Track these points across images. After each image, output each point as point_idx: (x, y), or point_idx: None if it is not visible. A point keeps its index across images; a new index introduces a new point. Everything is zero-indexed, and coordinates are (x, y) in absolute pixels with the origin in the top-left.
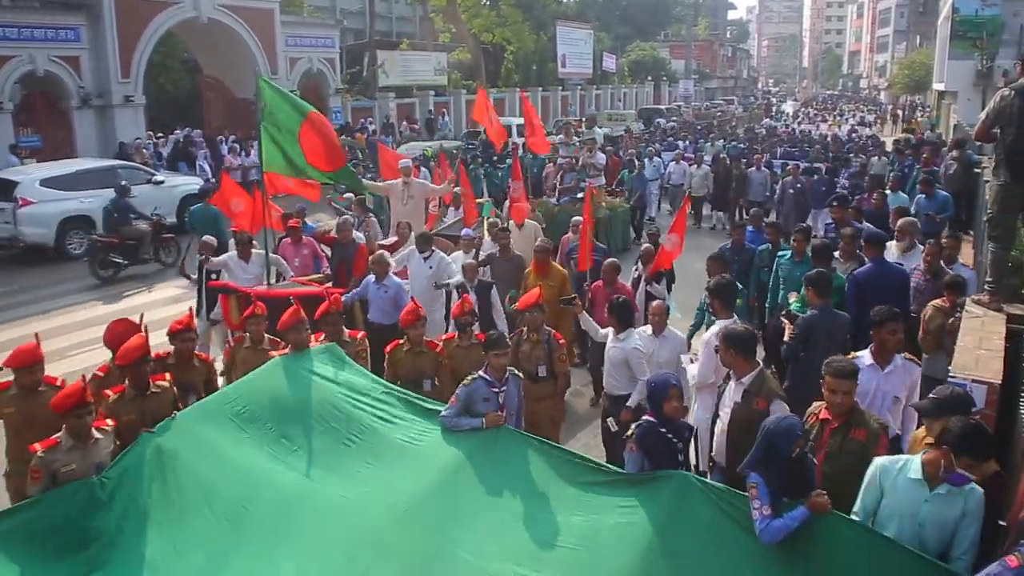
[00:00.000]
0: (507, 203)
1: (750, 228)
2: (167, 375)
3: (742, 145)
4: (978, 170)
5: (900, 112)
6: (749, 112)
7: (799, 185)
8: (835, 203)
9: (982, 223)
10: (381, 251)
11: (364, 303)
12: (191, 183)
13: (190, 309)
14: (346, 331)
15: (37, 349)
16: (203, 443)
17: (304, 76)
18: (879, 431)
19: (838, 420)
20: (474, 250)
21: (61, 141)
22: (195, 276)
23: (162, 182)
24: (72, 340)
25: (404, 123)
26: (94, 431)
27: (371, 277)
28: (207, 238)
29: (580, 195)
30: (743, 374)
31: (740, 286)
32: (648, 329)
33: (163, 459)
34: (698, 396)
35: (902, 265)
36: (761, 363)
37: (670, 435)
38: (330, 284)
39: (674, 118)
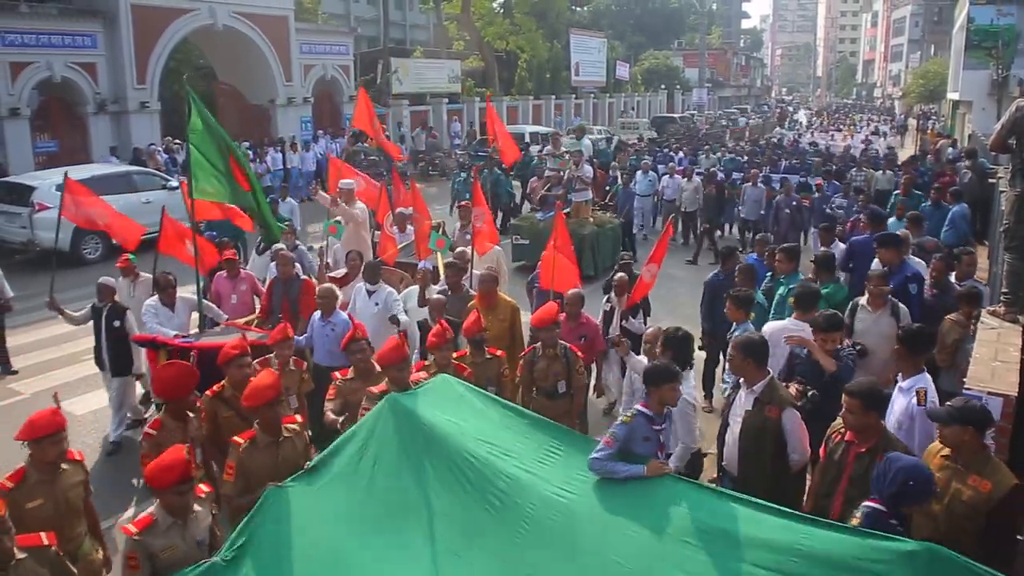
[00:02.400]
0: (457, 225)
1: (753, 255)
2: (297, 417)
3: (742, 158)
4: (992, 180)
5: (916, 121)
6: (764, 121)
7: (794, 203)
8: (825, 227)
9: (997, 234)
10: (326, 285)
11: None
12: None
13: (242, 334)
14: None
15: (57, 415)
16: (332, 506)
17: (318, 83)
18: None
19: (865, 445)
20: (431, 285)
21: (77, 146)
22: (78, 313)
23: (177, 188)
24: (86, 345)
25: (419, 129)
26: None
27: (316, 316)
28: (105, 280)
29: (567, 209)
30: (754, 382)
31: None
32: (644, 360)
33: (290, 528)
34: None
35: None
36: (771, 371)
37: None
38: (271, 327)
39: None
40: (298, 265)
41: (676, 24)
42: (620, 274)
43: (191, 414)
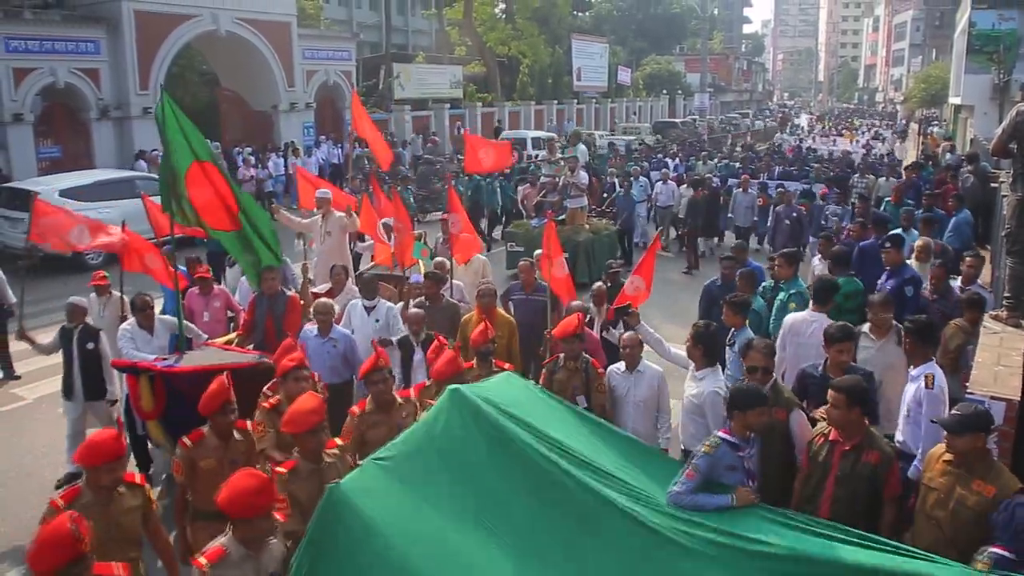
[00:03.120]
0: (439, 236)
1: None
2: (336, 441)
3: (736, 164)
4: (994, 184)
5: (917, 125)
6: (765, 125)
7: (795, 214)
8: (825, 236)
9: (999, 238)
10: (323, 299)
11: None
12: None
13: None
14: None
15: (117, 441)
16: (398, 506)
17: (321, 89)
18: (891, 454)
19: (850, 443)
20: (419, 298)
21: (80, 152)
22: (47, 342)
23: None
24: None
25: (412, 135)
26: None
27: (310, 331)
28: (76, 300)
29: (562, 216)
30: (761, 384)
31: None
32: (621, 365)
33: (357, 533)
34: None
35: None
36: (776, 376)
37: None
38: (253, 346)
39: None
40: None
41: (678, 29)
42: (598, 284)
43: (237, 435)
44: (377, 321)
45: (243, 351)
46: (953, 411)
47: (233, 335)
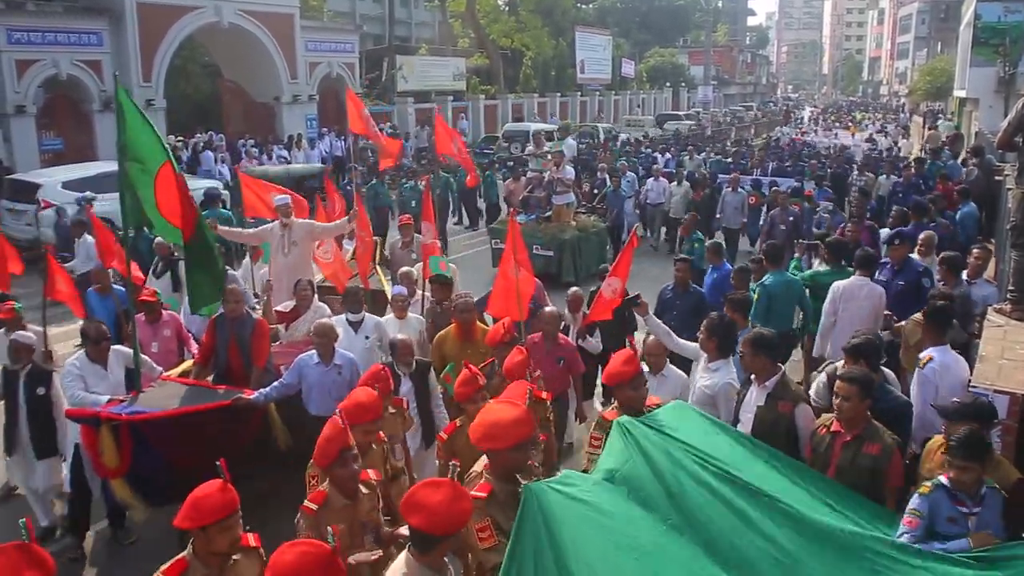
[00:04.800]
0: (396, 239)
1: (711, 265)
2: (370, 473)
3: (727, 160)
4: (999, 177)
5: (921, 119)
6: (768, 118)
7: (791, 217)
8: (809, 246)
9: (1004, 231)
10: (325, 321)
11: (288, 400)
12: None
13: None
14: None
15: (227, 491)
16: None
17: (323, 81)
18: (892, 446)
19: (851, 433)
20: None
21: (83, 144)
22: None
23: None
24: None
25: (417, 128)
26: None
27: (309, 359)
28: (21, 337)
29: (548, 212)
30: (766, 377)
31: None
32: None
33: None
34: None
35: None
36: (782, 366)
37: None
38: (213, 379)
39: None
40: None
41: (681, 21)
42: (574, 289)
43: (364, 489)
44: (367, 338)
45: (207, 385)
46: (954, 400)
47: (187, 364)
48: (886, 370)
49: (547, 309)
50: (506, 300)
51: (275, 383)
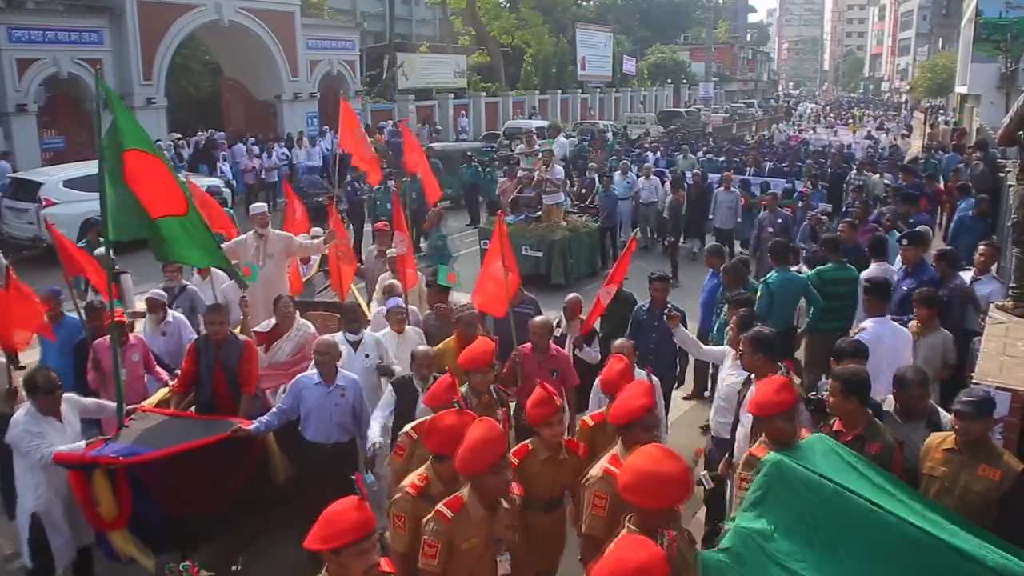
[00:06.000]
0: (372, 248)
1: (710, 269)
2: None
3: (720, 159)
4: (1002, 174)
5: (923, 115)
6: (770, 116)
7: (780, 220)
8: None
9: (1006, 228)
10: (328, 338)
11: (285, 428)
12: (214, 184)
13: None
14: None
15: (361, 509)
16: None
17: (324, 79)
18: (893, 445)
19: (852, 432)
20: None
21: (83, 142)
22: None
23: (183, 183)
24: None
25: (423, 124)
26: None
27: (309, 379)
28: None
29: (538, 212)
30: (765, 377)
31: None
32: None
33: None
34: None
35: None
36: (782, 366)
37: None
38: (195, 408)
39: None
40: (180, 318)
41: (682, 18)
42: (572, 295)
43: (504, 503)
44: (367, 356)
45: (193, 416)
46: (963, 398)
47: (163, 393)
48: None
49: (538, 319)
50: (488, 296)
51: (273, 409)
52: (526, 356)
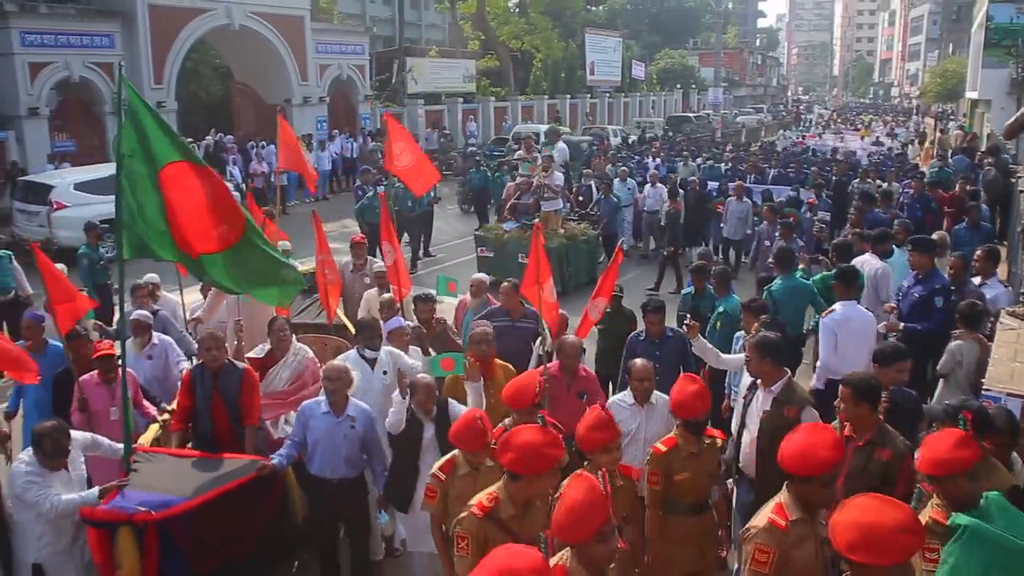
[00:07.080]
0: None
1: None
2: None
3: (721, 166)
4: (1013, 179)
5: (932, 120)
6: (779, 121)
7: (777, 233)
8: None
9: (1016, 234)
10: (338, 363)
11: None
12: None
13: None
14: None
15: (597, 491)
16: None
17: (334, 83)
18: (904, 452)
19: (863, 438)
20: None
21: (95, 146)
22: None
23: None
24: None
25: (431, 129)
26: None
27: (316, 407)
28: None
29: (536, 218)
30: (772, 382)
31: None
32: (627, 397)
33: None
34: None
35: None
36: (788, 371)
37: None
38: (192, 445)
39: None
40: (166, 339)
41: (692, 23)
42: (560, 312)
43: (539, 503)
44: (384, 373)
45: (204, 455)
46: (946, 403)
47: (154, 429)
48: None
49: (569, 338)
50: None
51: (287, 441)
52: (554, 378)
